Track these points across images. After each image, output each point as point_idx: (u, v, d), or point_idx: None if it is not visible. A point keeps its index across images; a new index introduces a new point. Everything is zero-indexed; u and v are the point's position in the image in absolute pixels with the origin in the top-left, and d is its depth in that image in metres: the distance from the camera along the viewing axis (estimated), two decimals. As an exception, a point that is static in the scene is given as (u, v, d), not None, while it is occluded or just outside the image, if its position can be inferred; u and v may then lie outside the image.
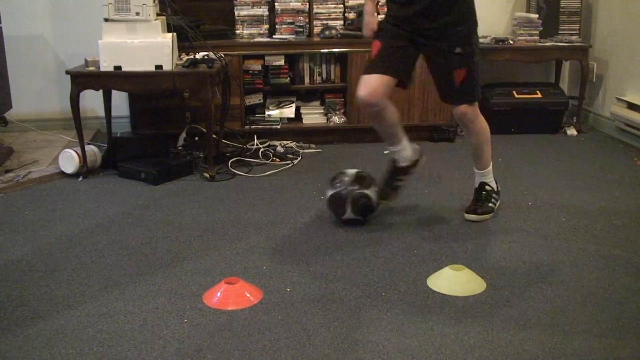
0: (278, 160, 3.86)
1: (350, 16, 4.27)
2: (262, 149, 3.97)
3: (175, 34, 3.49)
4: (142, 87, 3.49)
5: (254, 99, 4.21)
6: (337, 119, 4.22)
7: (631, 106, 4.12)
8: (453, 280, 2.29)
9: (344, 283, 2.33)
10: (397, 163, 2.95)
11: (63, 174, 3.58)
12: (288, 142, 4.16)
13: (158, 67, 3.37)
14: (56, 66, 4.47)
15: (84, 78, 3.42)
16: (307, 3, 4.25)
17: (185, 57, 3.57)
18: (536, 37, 4.46)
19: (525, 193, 3.28)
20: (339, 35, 4.17)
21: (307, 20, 4.26)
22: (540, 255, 2.56)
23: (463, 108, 2.76)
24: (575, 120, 4.56)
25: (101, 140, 4.14)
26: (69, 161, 3.55)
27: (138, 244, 2.68)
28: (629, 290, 2.27)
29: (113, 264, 2.49)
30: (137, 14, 3.32)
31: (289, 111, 4.21)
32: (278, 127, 4.19)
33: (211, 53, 3.66)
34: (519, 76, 4.82)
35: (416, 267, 2.45)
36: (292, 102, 4.26)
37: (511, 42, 4.43)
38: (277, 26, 4.23)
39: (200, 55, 3.59)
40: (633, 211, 3.02)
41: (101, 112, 4.04)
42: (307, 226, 2.85)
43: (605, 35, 4.52)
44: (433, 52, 2.74)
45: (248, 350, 1.91)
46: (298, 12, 4.23)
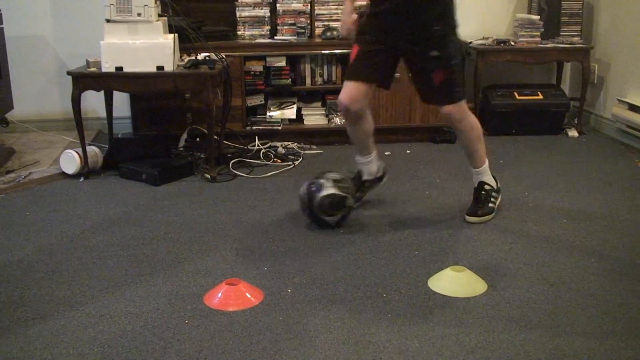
0: (279, 161, 3.86)
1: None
2: (263, 150, 3.97)
3: (176, 35, 3.49)
4: (144, 88, 3.50)
5: (255, 100, 4.21)
6: (339, 120, 4.21)
7: (632, 108, 4.11)
8: (454, 281, 2.28)
9: (345, 284, 2.33)
10: (361, 176, 3.01)
11: (64, 175, 3.58)
12: (289, 143, 4.15)
13: (159, 68, 3.37)
14: (57, 67, 4.47)
15: (86, 79, 3.42)
16: (309, 4, 4.25)
17: (186, 58, 3.57)
18: (537, 39, 4.46)
19: (526, 194, 3.27)
20: (340, 36, 4.16)
21: (309, 21, 4.26)
22: (541, 256, 2.55)
23: (448, 108, 2.76)
24: (576, 121, 4.55)
25: (102, 141, 4.15)
26: (70, 162, 3.56)
27: (139, 245, 2.68)
28: (631, 292, 2.26)
29: (114, 265, 2.49)
30: (139, 15, 3.33)
31: (290, 112, 4.21)
32: (279, 128, 4.19)
33: (212, 54, 3.66)
34: (521, 77, 4.81)
35: (417, 268, 2.45)
36: (294, 103, 4.26)
37: (512, 44, 4.43)
38: (279, 27, 4.23)
39: (201, 56, 3.59)
40: (634, 213, 3.02)
41: (102, 113, 4.04)
42: (308, 227, 2.85)
43: (606, 36, 4.52)
44: (411, 55, 2.74)
45: (249, 351, 1.91)
46: (299, 13, 4.23)
